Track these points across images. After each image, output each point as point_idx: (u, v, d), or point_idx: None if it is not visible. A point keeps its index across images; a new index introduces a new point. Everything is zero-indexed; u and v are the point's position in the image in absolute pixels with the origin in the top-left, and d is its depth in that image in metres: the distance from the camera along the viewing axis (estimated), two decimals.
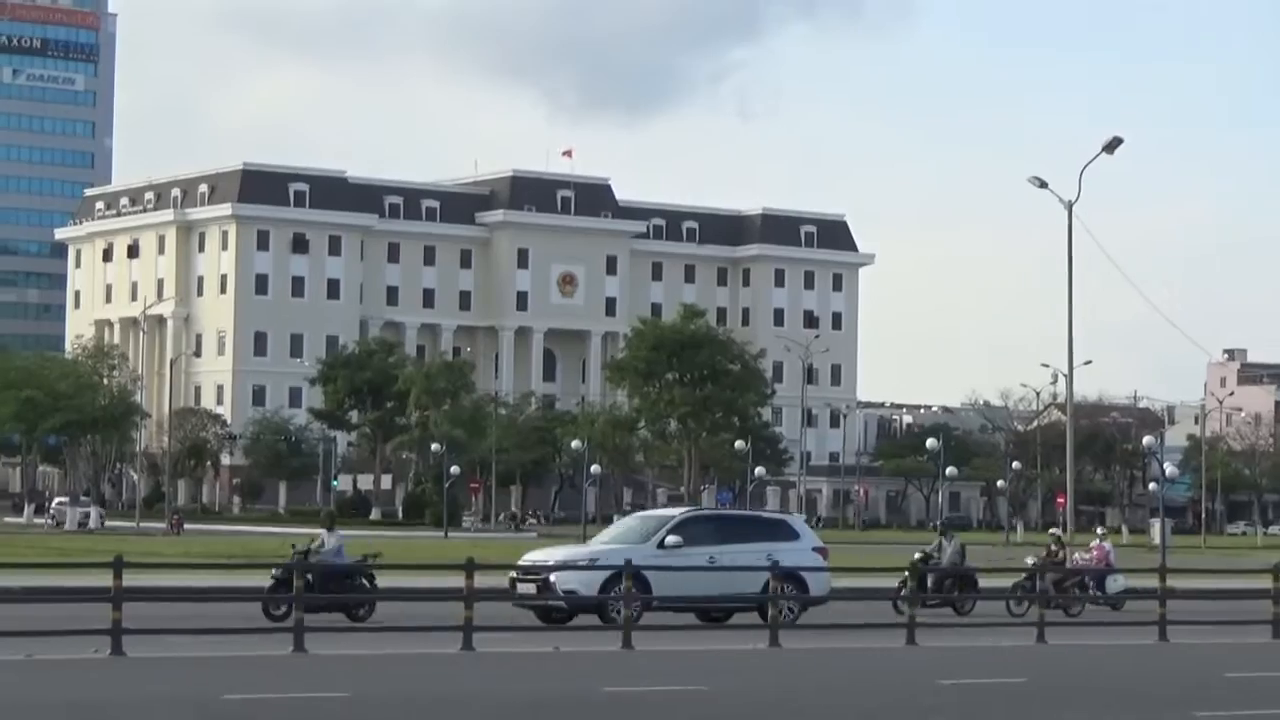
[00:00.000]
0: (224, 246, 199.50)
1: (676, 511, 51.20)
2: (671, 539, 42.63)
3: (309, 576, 38.55)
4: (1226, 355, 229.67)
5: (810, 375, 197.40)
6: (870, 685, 28.34)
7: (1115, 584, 40.87)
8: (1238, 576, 57.96)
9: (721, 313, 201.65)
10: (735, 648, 33.25)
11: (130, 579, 33.87)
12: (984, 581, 51.28)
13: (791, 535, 43.69)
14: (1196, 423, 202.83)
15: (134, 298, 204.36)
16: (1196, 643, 38.89)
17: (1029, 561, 45.15)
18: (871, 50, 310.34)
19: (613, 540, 46.15)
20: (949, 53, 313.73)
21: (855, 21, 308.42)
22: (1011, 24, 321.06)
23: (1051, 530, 67.58)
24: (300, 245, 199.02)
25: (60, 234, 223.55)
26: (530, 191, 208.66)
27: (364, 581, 42.72)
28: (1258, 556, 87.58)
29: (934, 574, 47.03)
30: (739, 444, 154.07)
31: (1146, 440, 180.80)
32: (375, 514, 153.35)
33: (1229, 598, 47.80)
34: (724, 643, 35.42)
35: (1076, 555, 45.42)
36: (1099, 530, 53.68)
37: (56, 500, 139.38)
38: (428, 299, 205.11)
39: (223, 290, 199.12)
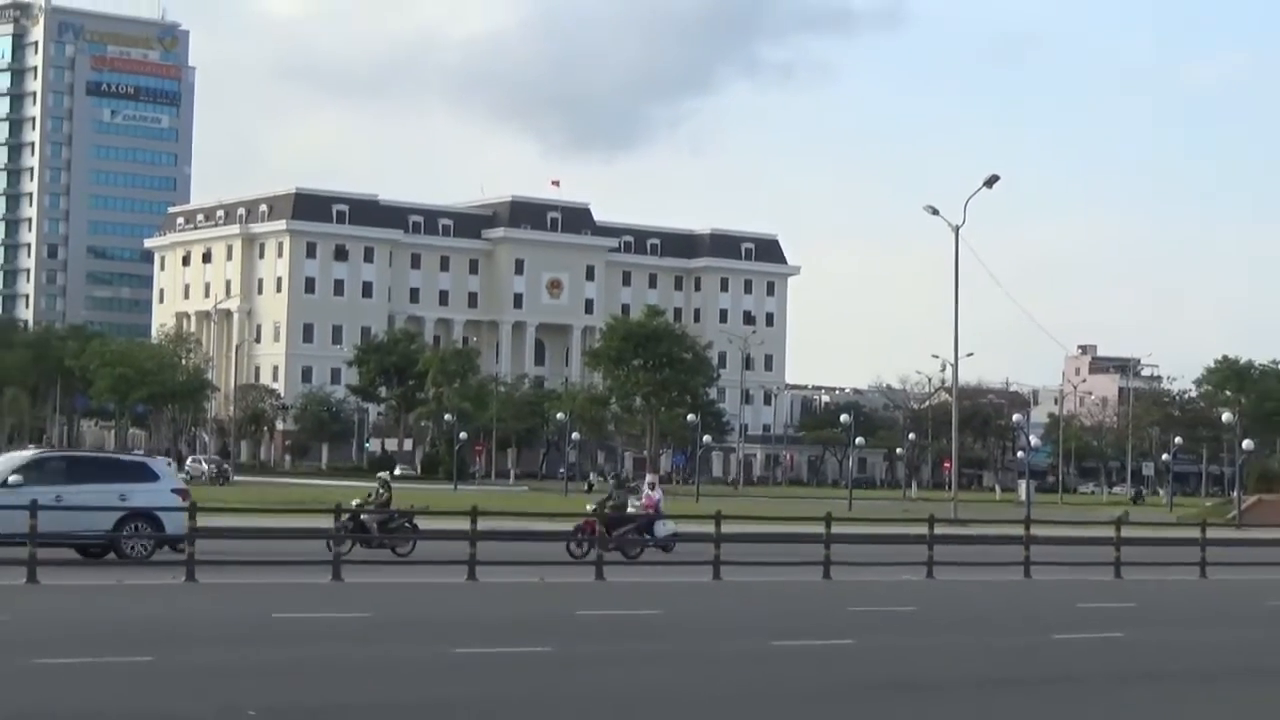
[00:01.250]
0: (279, 255, 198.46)
1: (29, 454, 45.84)
2: (14, 479, 37.23)
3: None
4: (1080, 350, 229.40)
5: (747, 363, 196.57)
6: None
7: (664, 529, 40.22)
8: (1087, 526, 58.05)
9: (677, 312, 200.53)
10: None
11: (205, 521, 34.03)
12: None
13: (150, 477, 39.31)
14: (1056, 404, 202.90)
15: (206, 295, 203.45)
16: (1054, 579, 39.20)
17: (589, 509, 43.26)
18: (799, 102, 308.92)
19: None
20: (862, 105, 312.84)
21: (786, 80, 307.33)
22: (913, 81, 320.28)
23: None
24: (341, 254, 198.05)
25: (148, 243, 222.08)
26: (525, 213, 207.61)
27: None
28: (1103, 510, 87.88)
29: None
30: (690, 417, 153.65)
31: (1016, 417, 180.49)
32: (398, 470, 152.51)
33: (1079, 543, 47.94)
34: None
35: (632, 501, 43.77)
36: (649, 479, 51.81)
37: (190, 459, 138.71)
38: (443, 298, 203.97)
39: (278, 290, 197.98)
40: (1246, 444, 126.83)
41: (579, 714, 15.93)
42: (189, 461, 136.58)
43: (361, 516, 40.33)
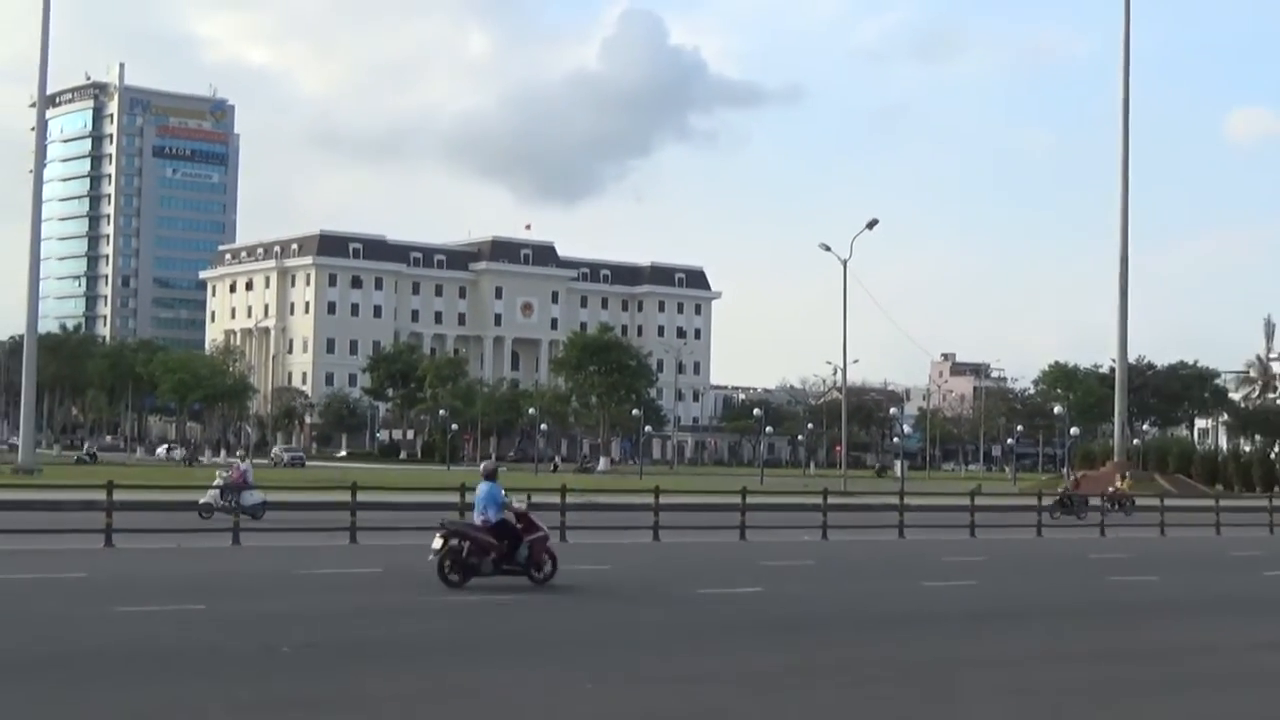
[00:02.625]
0: (307, 284, 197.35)
1: None
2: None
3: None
4: (943, 356, 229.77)
5: (680, 368, 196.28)
6: None
7: (251, 498, 36.61)
8: (948, 496, 58.13)
9: (624, 328, 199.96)
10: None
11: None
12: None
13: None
14: (924, 400, 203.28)
15: (248, 316, 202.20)
16: (923, 539, 38.84)
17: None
18: (721, 162, 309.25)
19: None
20: (770, 163, 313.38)
21: (711, 144, 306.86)
22: (809, 144, 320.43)
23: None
24: (356, 283, 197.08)
25: (202, 275, 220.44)
26: (503, 250, 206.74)
27: None
28: (961, 484, 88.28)
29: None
30: (635, 411, 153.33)
31: (892, 411, 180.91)
32: (403, 455, 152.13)
33: (942, 510, 47.96)
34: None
35: (220, 474, 40.96)
36: (239, 454, 49.93)
37: (274, 448, 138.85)
38: (437, 318, 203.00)
39: (306, 312, 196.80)
40: (1073, 431, 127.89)
41: (561, 637, 15.98)
42: (274, 450, 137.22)
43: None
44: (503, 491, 22.27)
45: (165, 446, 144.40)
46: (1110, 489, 58.51)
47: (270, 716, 11.27)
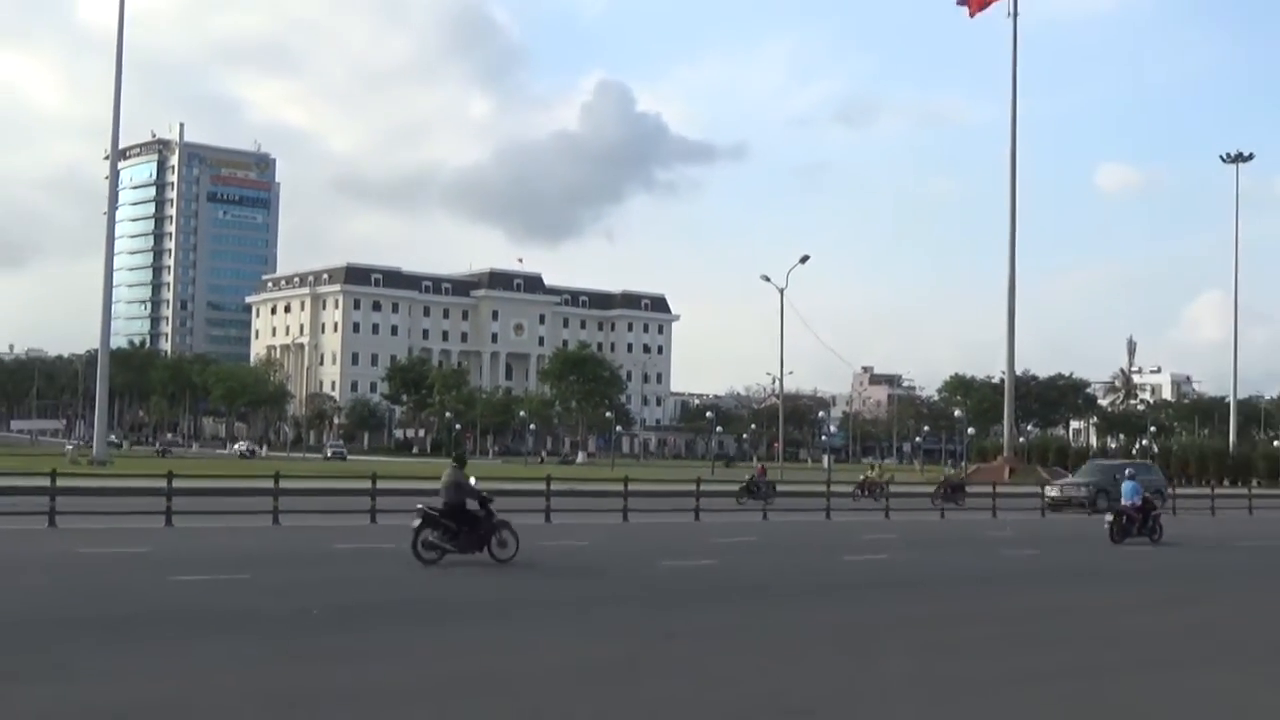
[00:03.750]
0: (336, 307, 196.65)
1: None
2: None
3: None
4: (863, 368, 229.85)
5: (645, 378, 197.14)
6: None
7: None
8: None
9: (599, 345, 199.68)
10: None
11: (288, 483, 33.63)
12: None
13: None
14: (847, 404, 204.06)
15: (286, 334, 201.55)
16: (847, 519, 38.70)
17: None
18: (680, 207, 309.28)
19: None
20: (721, 208, 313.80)
21: (672, 193, 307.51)
22: (752, 192, 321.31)
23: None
24: (376, 307, 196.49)
25: (248, 299, 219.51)
26: (499, 280, 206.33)
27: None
28: (911, 476, 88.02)
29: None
30: (608, 414, 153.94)
31: (821, 414, 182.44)
32: (415, 450, 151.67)
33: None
34: None
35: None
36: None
37: (327, 445, 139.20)
38: (444, 336, 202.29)
39: (335, 330, 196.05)
40: (970, 431, 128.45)
41: (545, 609, 15.92)
42: (327, 444, 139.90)
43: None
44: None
45: (238, 444, 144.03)
46: (862, 477, 55.20)
47: (301, 666, 11.26)
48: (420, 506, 20.77)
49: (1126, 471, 35.71)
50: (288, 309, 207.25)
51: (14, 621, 13.52)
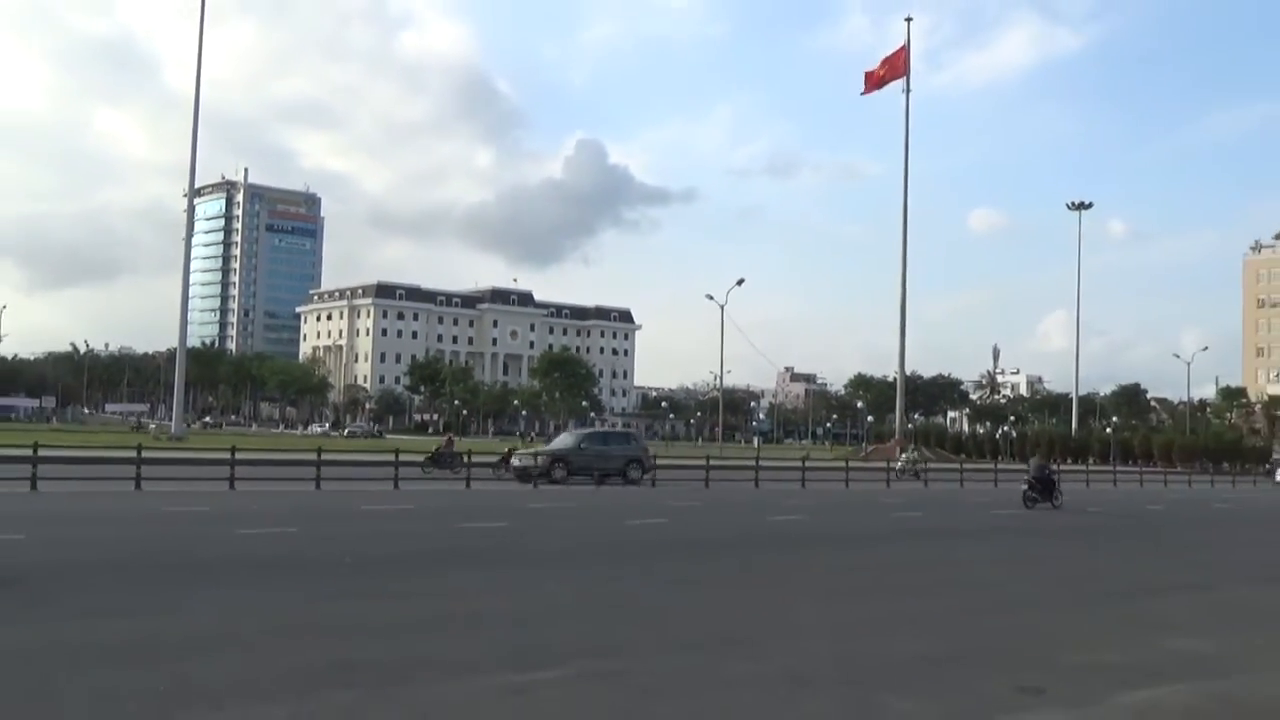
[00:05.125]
0: (368, 316, 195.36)
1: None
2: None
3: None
4: (786, 369, 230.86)
5: (613, 375, 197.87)
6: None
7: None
8: (789, 459, 58.14)
9: (578, 348, 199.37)
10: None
11: (329, 455, 33.45)
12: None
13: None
14: (773, 397, 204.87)
15: (328, 337, 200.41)
16: (772, 487, 38.58)
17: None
18: (641, 239, 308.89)
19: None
20: (675, 241, 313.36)
21: (635, 229, 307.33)
22: (700, 229, 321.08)
23: None
24: (401, 316, 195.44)
25: (298, 309, 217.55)
26: (498, 296, 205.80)
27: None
28: (795, 453, 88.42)
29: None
30: (584, 403, 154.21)
31: (753, 405, 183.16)
32: (430, 430, 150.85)
33: (784, 470, 48.02)
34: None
35: None
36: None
37: (367, 425, 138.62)
38: (454, 340, 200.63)
39: (367, 335, 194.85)
40: (869, 419, 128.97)
41: (533, 553, 15.85)
42: (349, 423, 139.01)
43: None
44: None
45: (317, 424, 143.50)
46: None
47: (335, 604, 11.13)
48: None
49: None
50: (330, 317, 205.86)
51: (108, 565, 13.37)
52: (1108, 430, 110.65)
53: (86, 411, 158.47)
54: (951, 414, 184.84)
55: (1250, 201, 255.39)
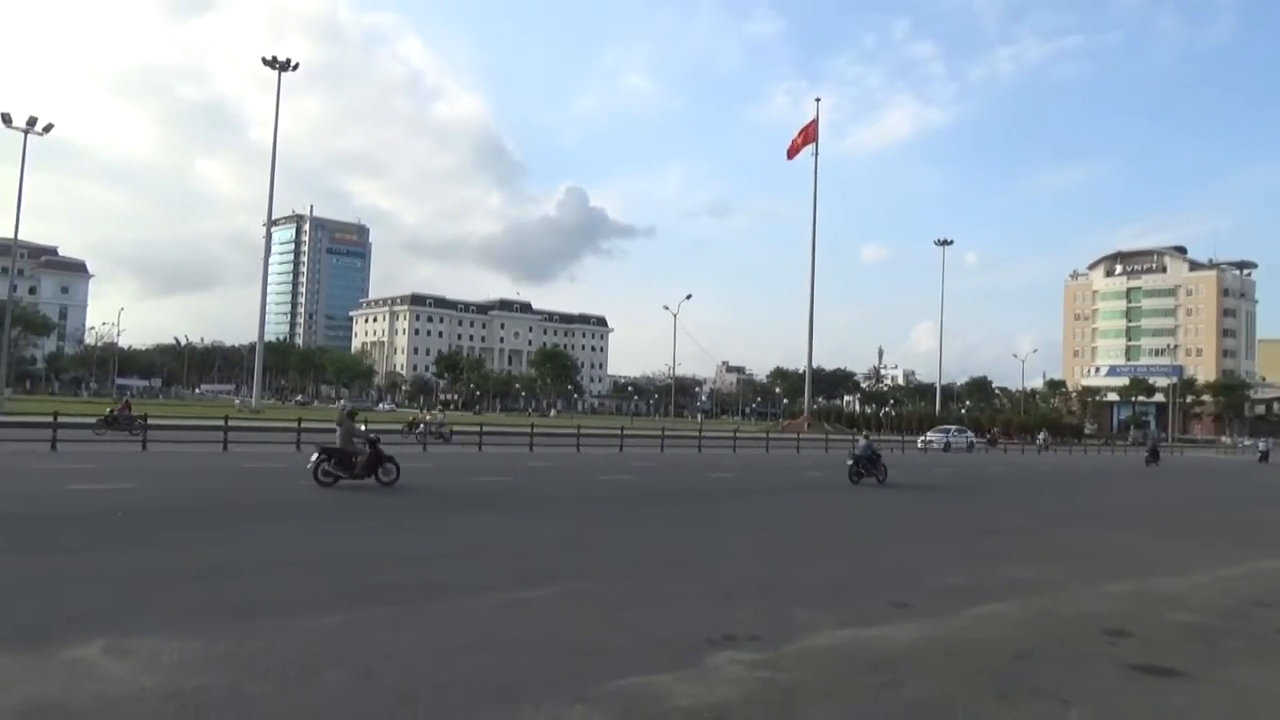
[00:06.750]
0: (405, 320, 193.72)
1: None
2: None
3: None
4: (723, 362, 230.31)
5: (592, 366, 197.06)
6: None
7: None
8: (721, 431, 58.16)
9: (566, 346, 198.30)
10: None
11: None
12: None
13: None
14: (713, 384, 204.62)
15: (374, 335, 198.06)
16: (709, 451, 38.53)
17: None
18: (614, 264, 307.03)
19: None
20: (640, 266, 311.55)
21: (610, 256, 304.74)
22: (659, 258, 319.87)
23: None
24: (431, 320, 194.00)
25: (351, 314, 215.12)
26: (505, 305, 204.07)
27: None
28: (727, 427, 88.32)
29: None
30: (570, 387, 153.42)
31: (698, 389, 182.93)
32: (451, 407, 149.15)
33: (718, 438, 47.96)
34: None
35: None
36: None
37: (382, 406, 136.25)
38: (470, 339, 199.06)
39: (404, 334, 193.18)
40: (785, 401, 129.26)
41: (542, 496, 15.71)
42: (381, 406, 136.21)
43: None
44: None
45: (382, 404, 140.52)
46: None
47: (389, 539, 10.96)
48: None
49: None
50: (375, 320, 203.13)
51: (200, 508, 13.14)
52: (963, 411, 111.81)
53: (186, 391, 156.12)
54: (847, 398, 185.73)
55: (1071, 240, 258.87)
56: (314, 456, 16.98)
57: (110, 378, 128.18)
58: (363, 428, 18.37)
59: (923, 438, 57.22)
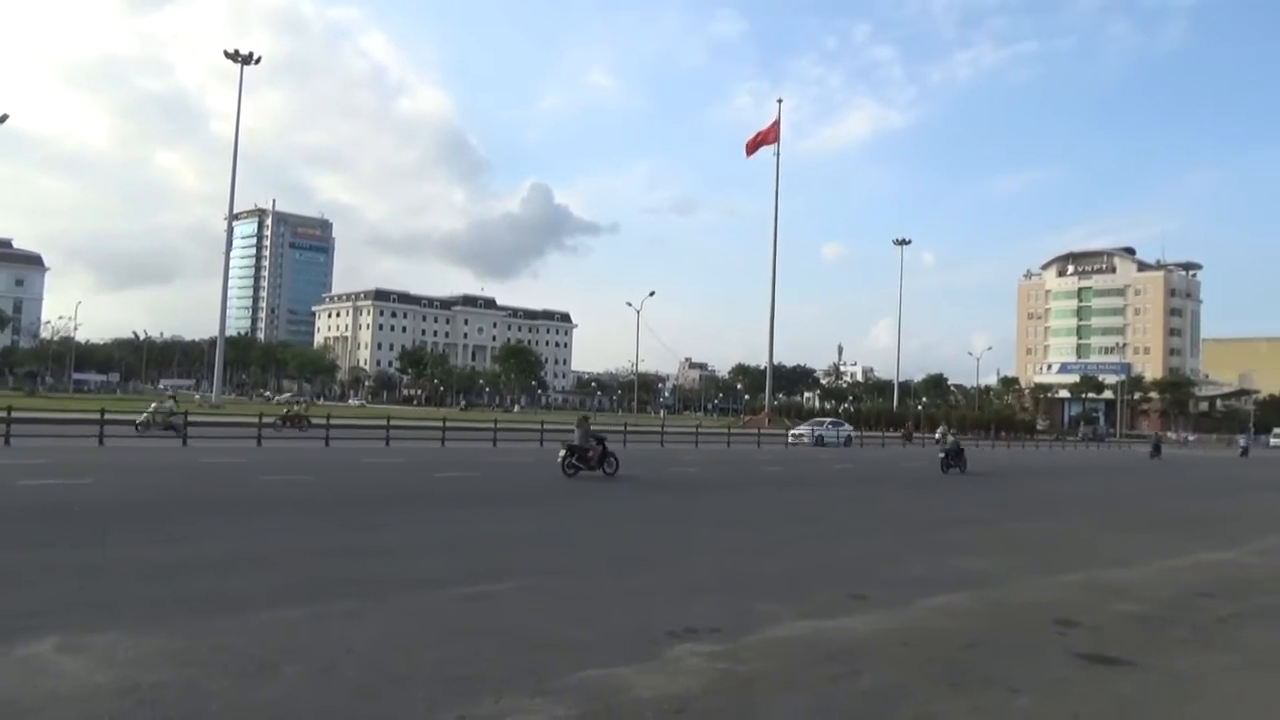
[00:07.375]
0: (368, 315, 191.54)
1: None
2: None
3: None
4: (686, 359, 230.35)
5: (556, 362, 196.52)
6: None
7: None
8: (685, 426, 58.15)
9: (529, 342, 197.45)
10: None
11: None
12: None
13: None
14: (676, 380, 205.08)
15: (337, 330, 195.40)
16: (673, 447, 38.94)
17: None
18: (578, 260, 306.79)
19: None
20: (604, 263, 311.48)
21: (574, 252, 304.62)
22: (622, 254, 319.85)
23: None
24: (395, 315, 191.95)
25: (314, 308, 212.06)
26: (469, 301, 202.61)
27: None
28: (690, 422, 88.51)
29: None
30: (534, 383, 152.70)
31: (660, 385, 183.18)
32: (415, 403, 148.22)
33: (661, 432, 48.18)
34: None
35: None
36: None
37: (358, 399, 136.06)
38: (434, 334, 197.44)
39: (367, 330, 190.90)
40: (746, 397, 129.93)
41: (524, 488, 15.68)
42: (351, 400, 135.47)
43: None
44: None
45: (355, 400, 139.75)
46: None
47: (339, 531, 10.90)
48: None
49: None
50: (338, 315, 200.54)
51: (159, 504, 12.90)
52: (919, 407, 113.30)
53: (146, 386, 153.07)
54: (807, 394, 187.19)
55: (1024, 241, 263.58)
56: (561, 452, 20.32)
57: (67, 372, 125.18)
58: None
59: (794, 430, 50.65)
